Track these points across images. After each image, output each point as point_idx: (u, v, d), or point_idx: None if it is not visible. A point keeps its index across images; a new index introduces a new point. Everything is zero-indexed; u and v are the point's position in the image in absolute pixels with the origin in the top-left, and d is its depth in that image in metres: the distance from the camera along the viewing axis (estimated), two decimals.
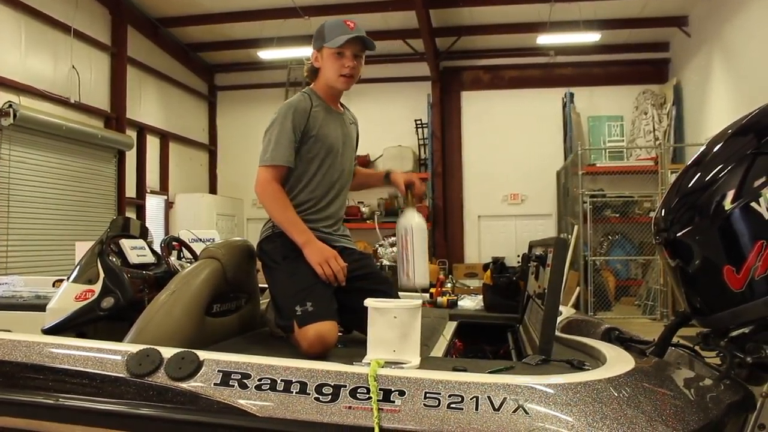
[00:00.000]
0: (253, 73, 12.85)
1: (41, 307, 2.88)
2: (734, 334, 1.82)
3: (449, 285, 3.69)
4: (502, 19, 11.19)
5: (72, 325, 2.71)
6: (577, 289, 9.30)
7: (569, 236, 9.76)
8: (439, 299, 3.39)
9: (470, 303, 3.43)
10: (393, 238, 11.87)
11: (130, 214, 10.50)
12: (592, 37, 10.75)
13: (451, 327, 2.88)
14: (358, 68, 2.56)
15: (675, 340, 2.13)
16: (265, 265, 2.54)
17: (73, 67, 9.12)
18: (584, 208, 9.52)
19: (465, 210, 12.76)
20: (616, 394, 1.47)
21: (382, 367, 1.59)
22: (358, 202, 11.96)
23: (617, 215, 10.34)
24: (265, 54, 11.35)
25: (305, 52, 2.77)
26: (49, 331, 2.65)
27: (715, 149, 1.87)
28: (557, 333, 2.28)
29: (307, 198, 2.55)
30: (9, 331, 2.16)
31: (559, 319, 2.73)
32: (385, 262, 9.26)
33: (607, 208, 10.39)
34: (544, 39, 10.92)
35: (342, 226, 2.70)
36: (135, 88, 10.85)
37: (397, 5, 10.32)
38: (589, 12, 10.34)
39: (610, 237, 10.94)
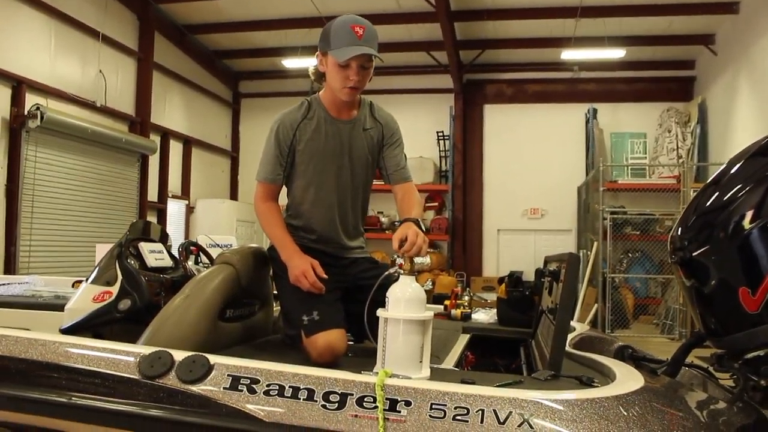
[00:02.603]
0: (277, 81, 12.97)
1: (60, 307, 2.92)
2: (749, 356, 1.79)
3: (466, 298, 3.67)
4: (527, 33, 11.18)
5: (89, 326, 2.75)
6: (595, 305, 9.22)
7: (588, 252, 9.69)
8: (453, 312, 3.38)
9: (484, 316, 3.42)
10: None
11: (152, 218, 10.62)
12: (616, 53, 10.72)
13: (463, 339, 2.87)
14: (364, 79, 2.39)
15: (689, 360, 2.11)
16: (275, 273, 2.56)
17: (101, 71, 9.27)
18: (604, 225, 9.44)
19: (484, 223, 12.73)
20: (623, 412, 1.45)
21: (390, 377, 1.59)
22: (378, 212, 11.97)
23: (638, 233, 10.25)
24: (290, 63, 11.47)
25: None
26: (66, 331, 2.69)
27: (735, 169, 1.86)
28: (569, 349, 2.27)
29: (302, 217, 2.53)
30: (28, 329, 2.20)
31: (572, 335, 2.71)
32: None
33: (628, 225, 10.30)
34: (568, 54, 10.89)
35: (357, 237, 2.64)
36: (160, 94, 10.99)
37: (421, 17, 10.36)
38: (614, 28, 10.30)
39: (630, 254, 10.83)
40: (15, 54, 7.85)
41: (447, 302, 3.48)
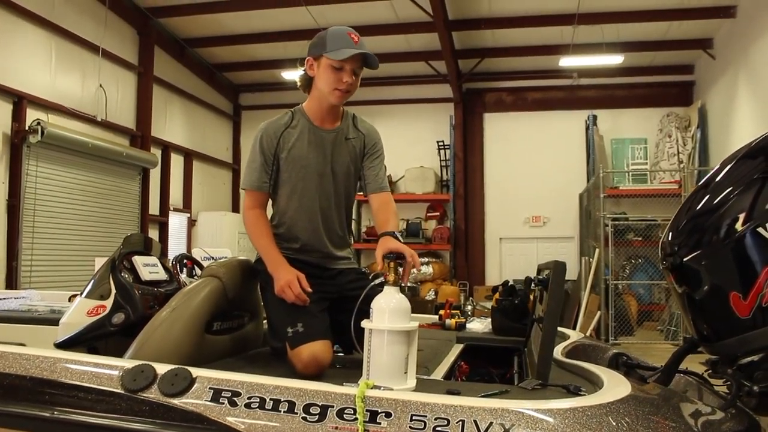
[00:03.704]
0: (277, 94, 12.97)
1: (55, 322, 2.91)
2: (743, 361, 1.77)
3: (469, 307, 3.66)
4: (525, 41, 11.20)
5: (83, 340, 2.73)
6: (598, 313, 9.16)
7: (591, 259, 9.64)
8: (447, 321, 3.36)
9: (479, 325, 3.40)
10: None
11: (153, 232, 10.63)
12: (615, 59, 10.72)
13: (456, 349, 2.85)
14: (355, 84, 2.42)
15: (685, 366, 2.08)
16: (261, 285, 2.54)
17: (101, 86, 9.30)
18: (606, 232, 9.40)
19: (486, 232, 12.70)
20: (609, 421, 1.43)
21: (372, 388, 1.58)
22: None
23: (640, 239, 10.20)
24: (289, 75, 11.47)
25: None
26: (61, 345, 2.67)
27: (724, 172, 1.84)
28: (560, 357, 2.25)
29: (286, 225, 2.53)
30: (23, 344, 2.19)
31: (565, 343, 2.69)
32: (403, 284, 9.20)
33: (630, 231, 10.25)
34: (566, 61, 10.89)
35: (343, 248, 2.62)
36: (160, 107, 11.03)
37: (419, 27, 10.38)
38: (612, 34, 10.30)
39: (632, 260, 10.77)
40: (16, 69, 7.88)
41: (441, 312, 3.46)
